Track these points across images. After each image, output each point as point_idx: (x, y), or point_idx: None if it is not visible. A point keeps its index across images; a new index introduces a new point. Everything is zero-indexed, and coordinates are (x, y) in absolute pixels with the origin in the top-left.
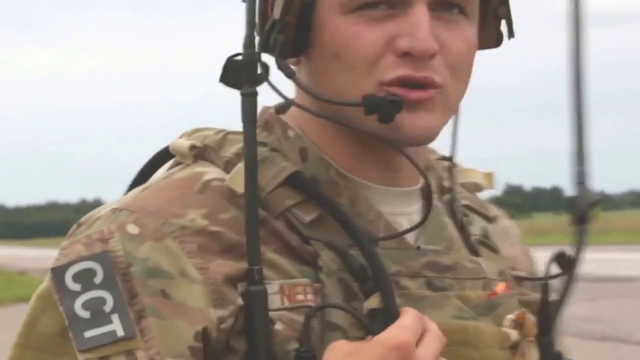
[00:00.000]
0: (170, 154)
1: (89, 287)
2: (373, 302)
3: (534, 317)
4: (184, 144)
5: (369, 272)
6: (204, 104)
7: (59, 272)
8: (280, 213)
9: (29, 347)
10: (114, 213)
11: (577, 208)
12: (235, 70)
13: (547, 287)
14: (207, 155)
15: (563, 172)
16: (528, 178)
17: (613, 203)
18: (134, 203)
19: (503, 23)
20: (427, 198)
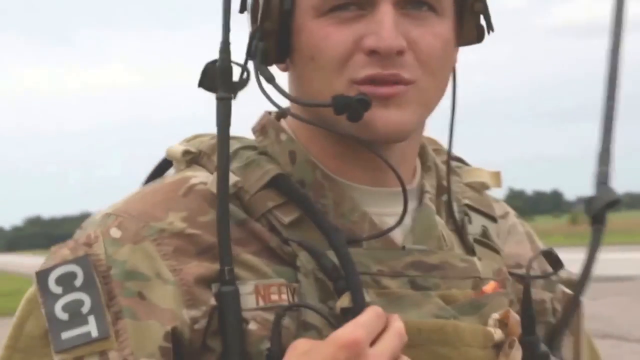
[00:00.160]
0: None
1: (70, 289)
2: (344, 301)
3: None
4: (178, 150)
5: (342, 271)
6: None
7: (43, 275)
8: (262, 215)
9: (17, 349)
10: (104, 217)
11: (592, 208)
12: (212, 75)
13: (528, 286)
14: (200, 160)
15: (561, 175)
16: (529, 182)
17: None
18: (121, 207)
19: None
20: (404, 198)
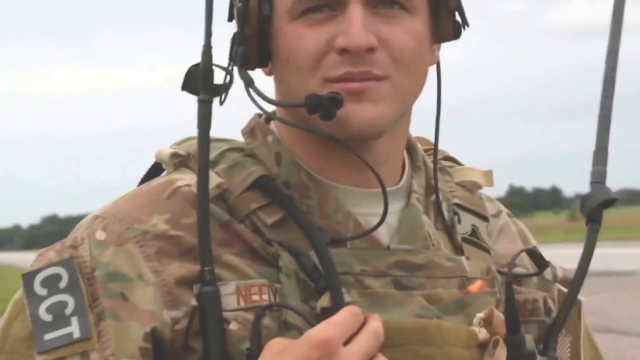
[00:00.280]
0: None
1: (54, 291)
2: (324, 300)
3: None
4: (166, 153)
5: (322, 271)
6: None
7: (29, 277)
8: (246, 216)
9: (3, 350)
10: (92, 220)
11: (588, 207)
12: (195, 78)
13: (511, 285)
14: (189, 163)
15: (560, 172)
16: (529, 179)
17: None
18: (108, 210)
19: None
20: (384, 198)
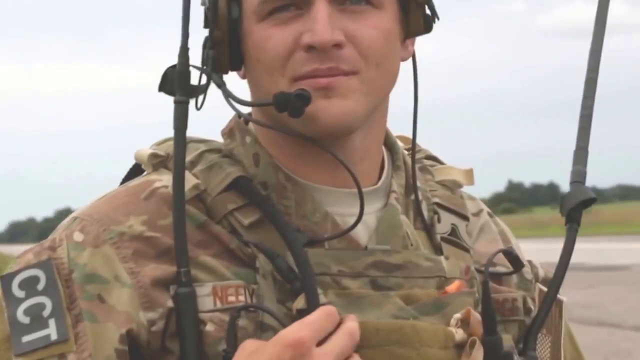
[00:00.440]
0: None
1: (32, 293)
2: (299, 302)
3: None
4: (145, 153)
5: (298, 273)
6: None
7: (7, 279)
8: (223, 216)
9: None
10: (71, 221)
11: (567, 206)
12: (171, 79)
13: (487, 285)
14: (168, 164)
15: (557, 168)
16: (527, 175)
17: (603, 197)
18: (87, 211)
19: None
20: (360, 197)
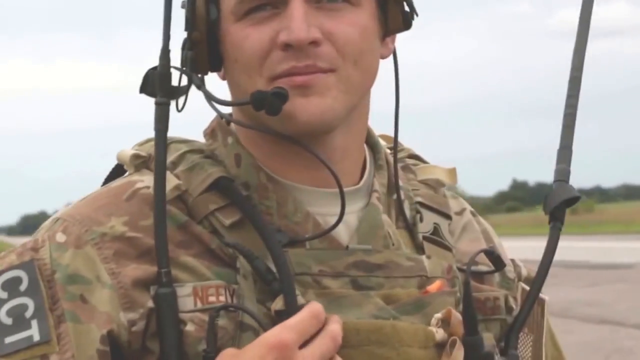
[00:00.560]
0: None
1: (15, 294)
2: (278, 303)
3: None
4: (127, 154)
5: (277, 274)
6: None
7: None
8: (204, 217)
9: None
10: (53, 222)
11: (550, 205)
12: (152, 81)
13: (468, 286)
14: (150, 164)
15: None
16: (532, 174)
17: (608, 196)
18: (69, 212)
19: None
20: (341, 196)
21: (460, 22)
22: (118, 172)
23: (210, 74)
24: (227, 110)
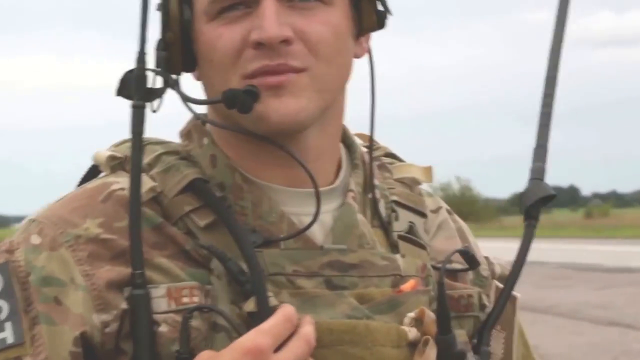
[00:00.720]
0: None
1: None
2: (250, 305)
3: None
4: (103, 155)
5: (249, 275)
6: None
7: None
8: (179, 218)
9: None
10: (28, 223)
11: (526, 203)
12: (129, 84)
13: (442, 285)
14: (126, 166)
15: (577, 172)
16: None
17: (624, 201)
18: (44, 213)
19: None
20: (316, 196)
21: (482, 28)
22: (94, 172)
23: (186, 76)
24: (200, 110)
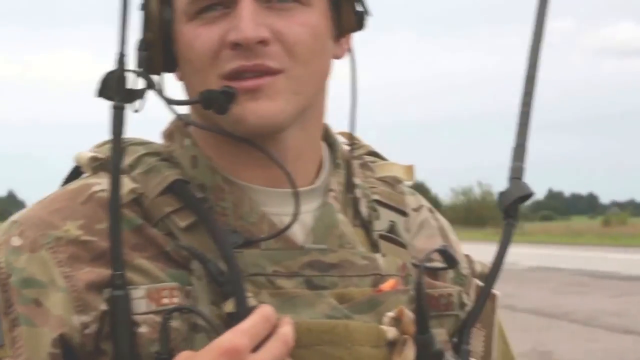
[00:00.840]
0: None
1: None
2: (229, 305)
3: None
4: (85, 156)
5: (228, 275)
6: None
7: None
8: (160, 219)
9: None
10: (10, 225)
11: (505, 202)
12: (110, 85)
13: (421, 285)
14: (108, 167)
15: (596, 180)
16: (567, 185)
17: None
18: (26, 215)
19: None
20: (295, 196)
21: (507, 36)
22: (77, 173)
23: (171, 76)
24: (186, 112)
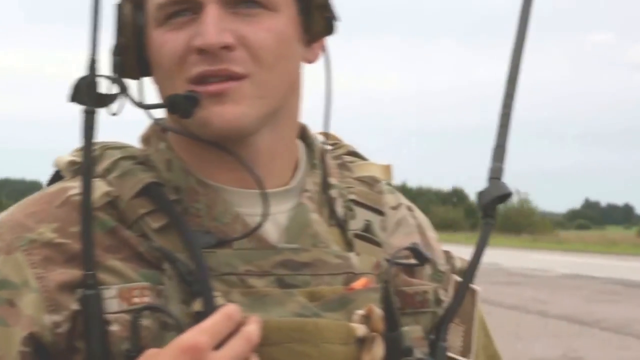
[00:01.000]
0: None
1: None
2: (197, 304)
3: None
4: (64, 160)
5: (196, 275)
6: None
7: None
8: (134, 221)
9: None
10: None
11: (483, 202)
12: (82, 90)
13: (388, 284)
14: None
15: (632, 191)
16: (604, 195)
17: None
18: (4, 218)
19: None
20: (262, 197)
21: (548, 49)
22: (59, 177)
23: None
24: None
